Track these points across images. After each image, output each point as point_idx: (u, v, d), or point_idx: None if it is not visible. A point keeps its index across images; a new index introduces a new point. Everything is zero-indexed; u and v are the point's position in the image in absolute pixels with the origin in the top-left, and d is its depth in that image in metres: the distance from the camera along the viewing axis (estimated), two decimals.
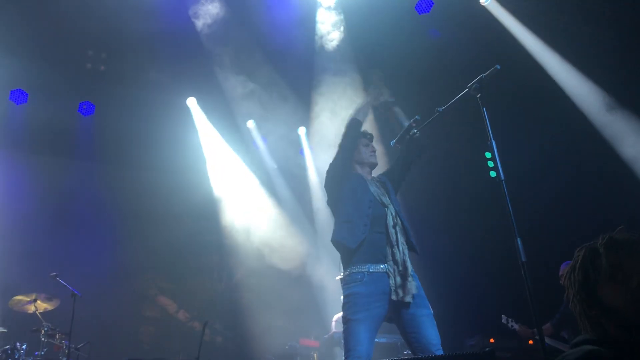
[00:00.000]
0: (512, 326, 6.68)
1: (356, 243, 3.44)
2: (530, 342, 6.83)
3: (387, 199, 3.69)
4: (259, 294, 9.04)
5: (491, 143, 3.03)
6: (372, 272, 3.38)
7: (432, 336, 3.30)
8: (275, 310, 8.68)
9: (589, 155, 6.77)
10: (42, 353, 6.23)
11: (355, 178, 3.80)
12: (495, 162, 2.98)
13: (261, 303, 8.93)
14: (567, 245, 1.85)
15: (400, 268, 3.39)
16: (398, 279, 3.35)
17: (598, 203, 6.70)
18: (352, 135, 3.84)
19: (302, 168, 9.62)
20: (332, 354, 7.06)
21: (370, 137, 4.04)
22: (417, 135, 3.77)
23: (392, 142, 3.91)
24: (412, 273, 3.42)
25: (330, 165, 3.86)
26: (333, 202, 3.81)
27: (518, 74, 6.50)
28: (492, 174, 3.02)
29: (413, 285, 3.35)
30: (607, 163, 6.57)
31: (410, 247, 3.58)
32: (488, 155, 3.05)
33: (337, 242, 3.57)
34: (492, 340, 7.30)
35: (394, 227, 3.53)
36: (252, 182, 9.65)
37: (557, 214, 7.08)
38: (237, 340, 8.01)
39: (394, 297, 3.31)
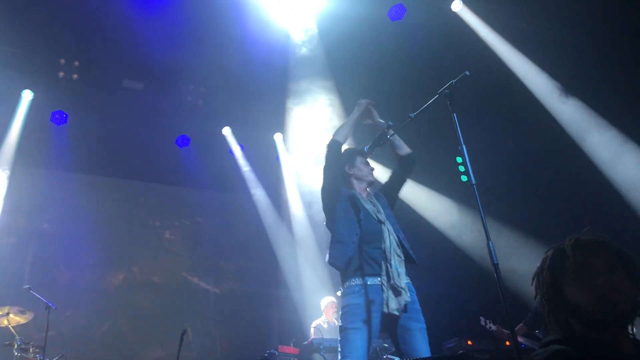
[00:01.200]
0: (490, 328, 6.73)
1: (344, 262, 3.53)
2: (507, 343, 6.90)
3: (383, 215, 3.75)
4: (237, 302, 9.00)
5: (462, 148, 3.07)
6: (369, 284, 3.47)
7: (422, 350, 3.36)
8: (254, 318, 8.65)
9: (559, 156, 6.90)
10: None
11: (348, 198, 3.83)
12: (466, 167, 3.03)
13: (239, 311, 8.89)
14: (541, 246, 1.90)
15: (392, 282, 3.46)
16: (390, 292, 3.44)
17: (568, 203, 6.83)
18: (333, 159, 3.85)
19: (279, 174, 9.61)
20: None
21: (366, 155, 4.06)
22: (389, 139, 3.81)
23: (366, 148, 3.95)
24: (407, 287, 3.51)
25: (321, 189, 3.90)
26: (329, 223, 3.85)
27: (488, 78, 6.60)
28: (464, 178, 3.07)
29: (403, 299, 3.43)
30: (576, 164, 6.70)
31: (409, 260, 3.67)
32: (459, 160, 3.10)
33: (330, 263, 3.65)
34: (469, 342, 7.36)
35: (390, 243, 3.59)
36: (230, 190, 9.61)
37: (528, 216, 7.19)
38: (215, 349, 7.95)
39: (385, 310, 3.39)
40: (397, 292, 3.44)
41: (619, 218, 6.07)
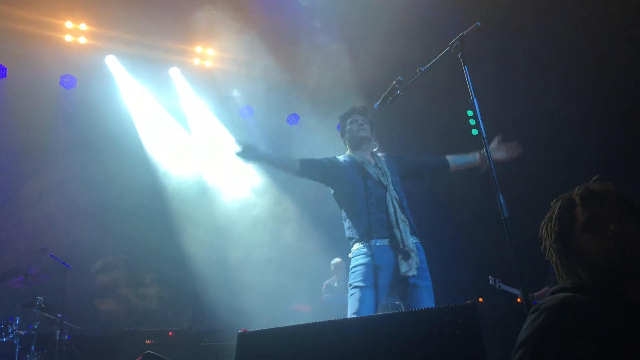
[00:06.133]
0: (499, 287, 6.81)
1: (361, 234, 3.62)
2: (519, 299, 6.98)
3: (387, 179, 3.77)
4: (251, 263, 9.06)
5: (473, 101, 3.01)
6: (378, 245, 3.55)
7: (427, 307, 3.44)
8: (267, 278, 8.74)
9: (569, 106, 6.76)
10: (36, 326, 6.27)
11: (351, 167, 3.85)
12: (477, 120, 2.98)
13: (252, 271, 8.96)
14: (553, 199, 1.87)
15: (402, 245, 3.53)
16: (400, 255, 3.52)
17: (579, 155, 6.75)
18: (309, 175, 3.92)
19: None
20: (324, 318, 7.14)
21: (359, 110, 4.10)
22: (400, 95, 3.76)
23: (376, 104, 3.90)
24: (415, 247, 3.60)
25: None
26: (337, 195, 3.92)
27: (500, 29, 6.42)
28: (474, 131, 3.02)
29: (415, 260, 3.52)
30: (587, 117, 6.60)
31: (411, 229, 3.69)
32: (470, 113, 3.05)
33: (352, 238, 3.72)
34: (480, 299, 7.47)
35: (394, 207, 3.64)
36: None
37: (540, 168, 7.11)
38: (229, 308, 8.06)
39: (400, 272, 3.48)
40: (407, 256, 3.52)
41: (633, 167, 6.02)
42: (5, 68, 7.97)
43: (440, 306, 1.97)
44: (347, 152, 4.05)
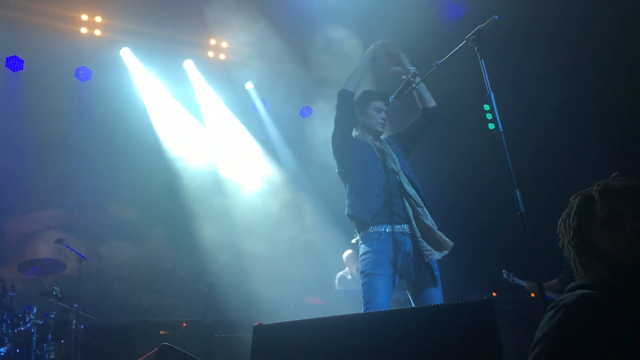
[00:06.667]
0: (513, 280, 6.76)
1: (371, 216, 3.53)
2: (532, 294, 6.93)
3: (397, 165, 3.72)
4: (265, 255, 9.09)
5: (490, 95, 2.98)
6: (388, 232, 3.49)
7: (435, 297, 3.44)
8: (281, 271, 8.77)
9: (587, 102, 6.67)
10: (52, 315, 6.36)
11: (363, 147, 3.79)
12: (493, 114, 2.95)
13: (266, 264, 9.00)
14: (569, 195, 1.86)
15: (419, 231, 3.51)
16: (419, 241, 3.49)
17: (598, 150, 6.66)
18: (343, 109, 3.80)
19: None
20: (336, 310, 7.15)
21: (385, 99, 3.94)
22: (415, 89, 3.74)
23: (391, 97, 3.88)
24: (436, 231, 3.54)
25: (332, 137, 3.86)
26: (343, 172, 3.82)
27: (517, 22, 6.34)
28: (491, 126, 3.00)
29: (431, 246, 3.49)
30: (606, 113, 6.50)
31: (426, 216, 3.64)
32: (486, 107, 3.02)
33: (352, 216, 3.64)
34: (494, 294, 7.43)
35: (408, 192, 3.59)
36: (252, 148, 9.59)
37: (559, 163, 7.04)
38: (242, 301, 8.11)
39: (425, 259, 3.45)
40: (425, 241, 3.48)
41: None
42: (23, 60, 8.04)
43: (456, 302, 1.96)
44: (358, 133, 3.94)
